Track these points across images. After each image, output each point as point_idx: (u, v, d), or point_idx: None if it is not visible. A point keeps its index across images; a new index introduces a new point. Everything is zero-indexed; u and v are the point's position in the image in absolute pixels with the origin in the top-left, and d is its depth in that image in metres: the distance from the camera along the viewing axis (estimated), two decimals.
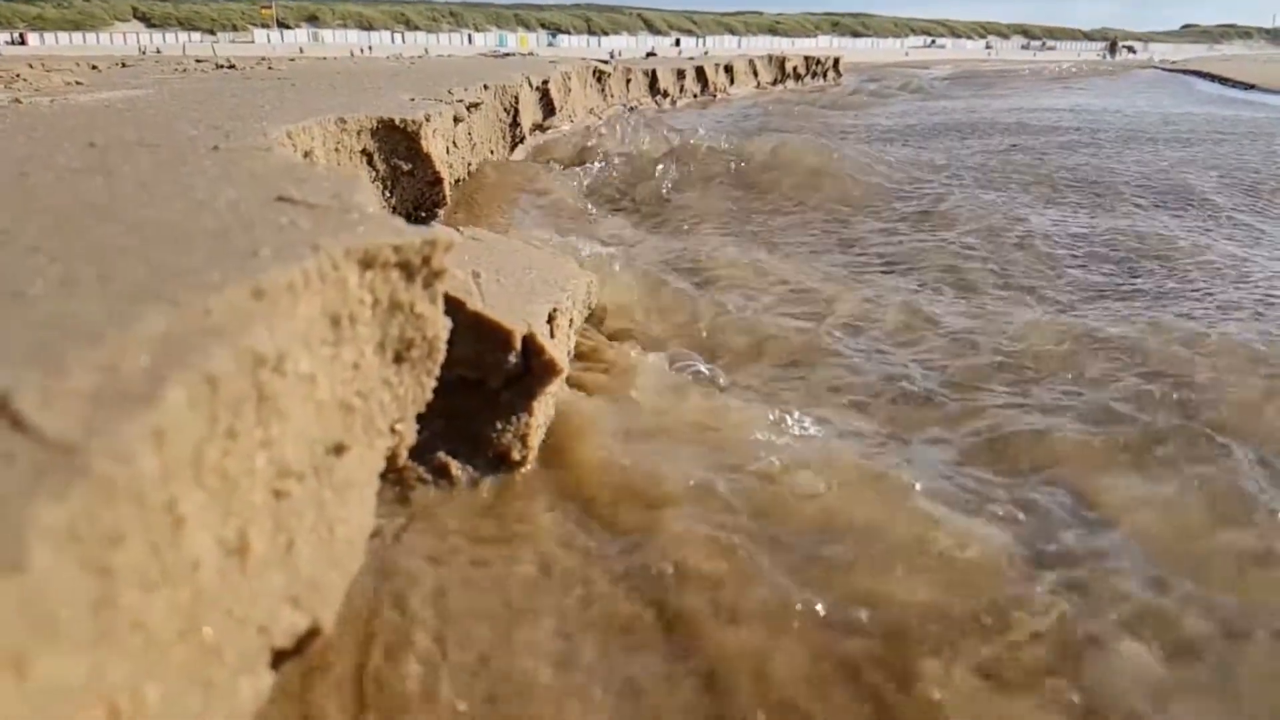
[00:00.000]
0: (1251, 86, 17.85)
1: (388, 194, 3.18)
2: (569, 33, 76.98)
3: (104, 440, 0.57)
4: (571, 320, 2.07)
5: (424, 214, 3.61)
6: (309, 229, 1.09)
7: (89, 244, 0.98)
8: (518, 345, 1.64)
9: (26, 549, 0.47)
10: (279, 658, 0.90)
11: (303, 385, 0.92)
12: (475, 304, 1.64)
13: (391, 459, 1.31)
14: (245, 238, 1.04)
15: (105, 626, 0.55)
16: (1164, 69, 31.15)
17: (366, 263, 1.08)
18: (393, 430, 1.27)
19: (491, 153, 5.64)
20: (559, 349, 1.76)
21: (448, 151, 3.88)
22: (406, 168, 3.15)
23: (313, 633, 0.97)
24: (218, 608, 0.73)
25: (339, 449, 1.05)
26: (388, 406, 1.23)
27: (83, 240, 1.00)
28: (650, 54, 24.50)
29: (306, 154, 2.51)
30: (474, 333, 1.62)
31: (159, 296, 0.81)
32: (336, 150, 2.84)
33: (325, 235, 1.05)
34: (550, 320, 1.84)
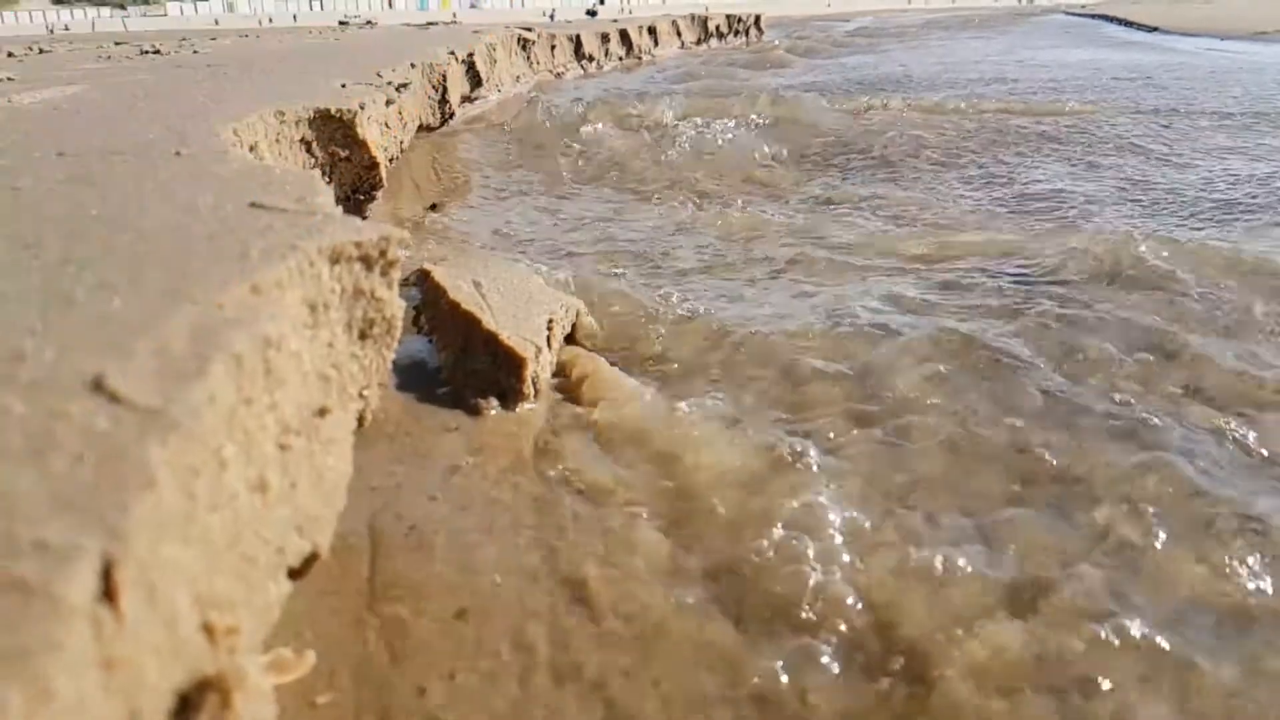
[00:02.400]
0: (1155, 29, 18.52)
1: (327, 179, 3.36)
2: None
3: (180, 404, 0.81)
4: (564, 327, 2.31)
5: (361, 196, 3.79)
6: (284, 231, 1.32)
7: (108, 252, 1.20)
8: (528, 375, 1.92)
9: (154, 473, 0.71)
10: (293, 575, 1.15)
11: (293, 361, 1.16)
12: (489, 323, 1.91)
13: (360, 419, 1.56)
14: (234, 241, 1.27)
15: (192, 532, 0.79)
16: (1073, 13, 31.94)
17: (334, 258, 1.32)
18: (361, 395, 1.52)
19: (422, 126, 5.80)
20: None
21: (381, 134, 4.05)
22: (344, 154, 3.34)
23: (314, 556, 1.22)
24: (250, 529, 0.98)
25: (322, 411, 1.28)
26: (356, 376, 1.48)
27: (102, 249, 1.22)
28: (591, 12, 23.95)
29: (252, 148, 2.70)
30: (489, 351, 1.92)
31: (182, 295, 1.04)
32: (278, 141, 3.02)
33: (300, 237, 1.29)
34: (549, 327, 2.10)
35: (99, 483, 0.69)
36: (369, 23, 20.12)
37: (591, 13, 23.67)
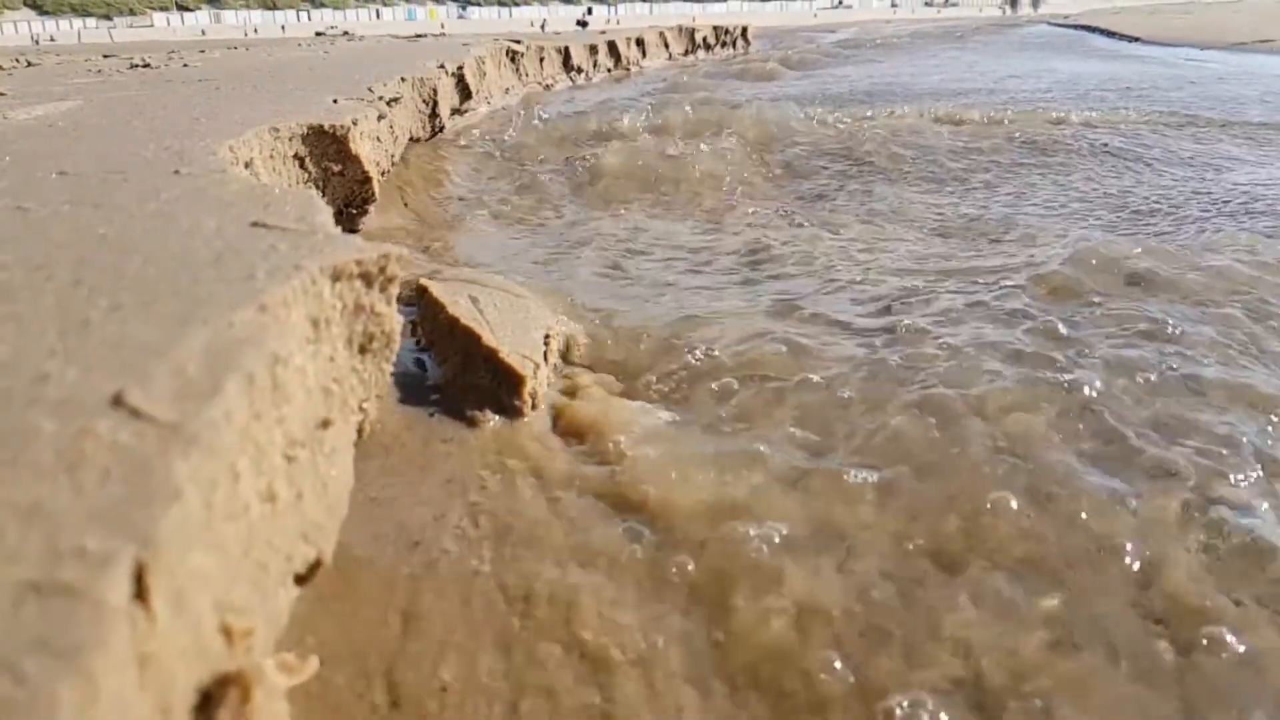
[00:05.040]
0: (1137, 39, 18.79)
1: (320, 194, 3.41)
2: (480, 4, 76.05)
3: (199, 420, 0.86)
4: (559, 344, 2.36)
5: (354, 210, 3.84)
6: (288, 251, 1.37)
7: (119, 274, 1.25)
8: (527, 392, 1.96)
9: (179, 485, 0.76)
10: (299, 581, 1.20)
11: (298, 375, 1.21)
12: (489, 339, 1.96)
13: (360, 430, 1.61)
14: (239, 262, 1.32)
15: (211, 541, 0.84)
16: (1055, 24, 32.39)
17: (336, 276, 1.37)
18: (361, 407, 1.57)
19: (412, 139, 5.85)
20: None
21: (373, 149, 4.10)
22: (337, 169, 3.38)
23: (318, 563, 1.27)
24: (262, 537, 1.03)
25: (325, 424, 1.33)
26: (356, 389, 1.53)
27: (112, 271, 1.27)
28: (581, 23, 24.53)
29: (247, 164, 2.74)
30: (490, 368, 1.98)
31: (193, 316, 1.09)
32: (271, 157, 3.07)
33: (303, 256, 1.34)
34: (545, 343, 2.14)
35: (129, 495, 0.74)
36: (345, 33, 20.40)
37: (582, 24, 24.12)
